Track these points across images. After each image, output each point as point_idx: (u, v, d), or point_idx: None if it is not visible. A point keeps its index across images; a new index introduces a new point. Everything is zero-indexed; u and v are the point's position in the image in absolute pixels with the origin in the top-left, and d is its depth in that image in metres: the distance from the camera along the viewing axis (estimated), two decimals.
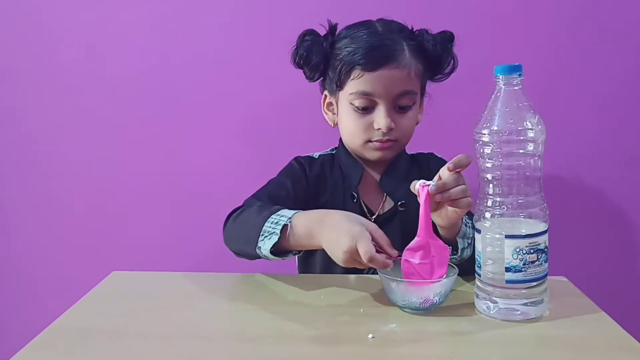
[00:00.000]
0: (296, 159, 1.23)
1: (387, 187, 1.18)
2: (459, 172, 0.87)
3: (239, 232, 1.03)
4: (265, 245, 0.94)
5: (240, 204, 1.09)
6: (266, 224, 0.95)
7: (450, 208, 0.89)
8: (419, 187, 0.87)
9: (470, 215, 0.92)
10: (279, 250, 0.95)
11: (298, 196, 1.14)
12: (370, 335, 0.79)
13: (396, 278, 0.87)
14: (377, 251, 0.84)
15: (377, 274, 0.91)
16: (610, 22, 1.44)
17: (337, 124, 1.19)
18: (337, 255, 0.86)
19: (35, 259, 1.66)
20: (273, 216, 0.96)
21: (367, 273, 1.16)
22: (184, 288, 1.02)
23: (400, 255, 0.89)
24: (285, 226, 0.93)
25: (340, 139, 1.21)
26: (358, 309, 0.89)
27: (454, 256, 0.96)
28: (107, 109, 1.58)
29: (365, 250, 0.82)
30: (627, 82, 1.46)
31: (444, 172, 0.88)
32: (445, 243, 0.95)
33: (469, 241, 0.96)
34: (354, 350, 0.76)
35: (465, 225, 0.96)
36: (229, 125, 1.55)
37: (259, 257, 0.99)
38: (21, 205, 1.65)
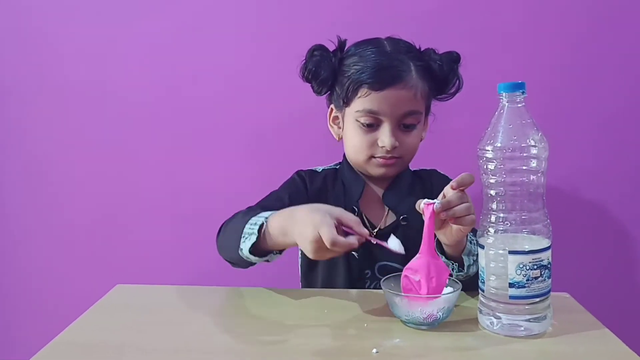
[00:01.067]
0: (298, 172, 1.24)
1: (390, 202, 1.19)
2: (462, 190, 0.88)
3: (226, 239, 1.05)
4: (245, 246, 0.95)
5: None
6: (246, 226, 0.97)
7: (454, 226, 0.90)
8: (424, 206, 0.88)
9: (474, 232, 0.92)
10: (259, 251, 0.96)
11: None
12: (374, 350, 0.79)
13: (400, 293, 0.87)
14: (347, 234, 0.86)
15: (380, 288, 0.92)
16: (614, 41, 1.45)
17: (342, 138, 1.20)
18: (306, 247, 0.87)
19: (39, 271, 1.66)
20: (253, 218, 0.98)
21: (369, 287, 1.16)
22: (187, 301, 1.02)
23: (372, 235, 0.90)
24: (262, 225, 0.94)
25: (344, 154, 1.22)
26: (362, 323, 0.89)
27: (460, 273, 0.97)
28: (112, 122, 1.59)
29: (327, 237, 0.83)
30: (631, 98, 1.47)
31: (448, 191, 0.89)
32: (451, 260, 0.95)
33: (475, 258, 0.96)
34: None
35: (470, 243, 0.97)
36: (233, 139, 1.56)
37: (242, 259, 1.00)
38: (25, 218, 1.65)
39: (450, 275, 0.92)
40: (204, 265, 1.59)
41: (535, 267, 0.81)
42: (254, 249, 0.95)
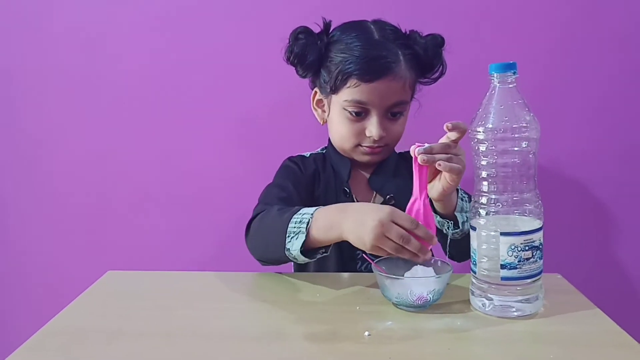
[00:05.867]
0: (289, 159, 1.23)
1: (376, 186, 1.19)
2: (455, 141, 0.89)
3: (264, 239, 1.00)
4: (294, 246, 0.92)
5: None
6: (290, 225, 0.93)
7: (441, 178, 0.91)
8: (412, 149, 0.88)
9: (465, 192, 0.92)
10: (306, 249, 0.93)
11: (300, 194, 1.14)
12: (366, 333, 0.79)
13: (390, 275, 0.87)
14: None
15: (371, 271, 0.91)
16: (606, 21, 1.44)
17: (326, 121, 1.20)
18: (366, 231, 0.83)
19: (31, 258, 1.66)
20: (295, 216, 0.94)
21: (360, 268, 1.16)
22: (179, 287, 1.02)
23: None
24: (308, 222, 0.92)
25: (329, 138, 1.22)
26: (354, 306, 0.90)
27: (456, 231, 0.97)
28: (104, 110, 1.57)
29: (389, 210, 0.83)
30: (622, 80, 1.46)
31: (443, 139, 0.91)
32: (445, 219, 0.97)
33: (468, 215, 0.97)
34: (351, 347, 0.76)
35: (462, 200, 0.98)
36: (223, 126, 1.55)
37: (287, 259, 0.97)
38: (17, 205, 1.64)
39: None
40: (196, 251, 1.60)
41: (526, 248, 0.81)
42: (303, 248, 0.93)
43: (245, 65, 1.52)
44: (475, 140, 0.84)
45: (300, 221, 0.93)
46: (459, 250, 1.01)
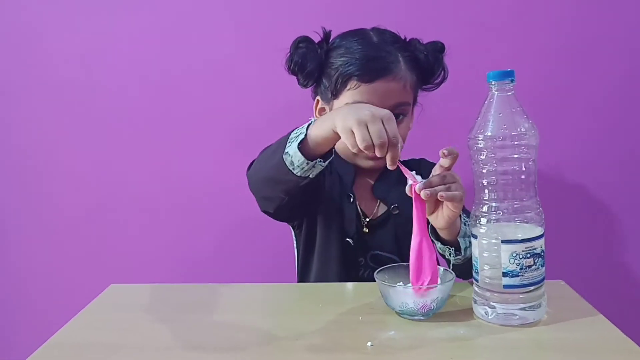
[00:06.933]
0: None
1: (379, 194, 1.19)
2: (448, 169, 0.89)
3: (265, 158, 0.99)
4: (292, 148, 0.90)
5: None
6: (291, 134, 0.93)
7: (444, 207, 0.90)
8: (408, 188, 0.88)
9: (467, 214, 0.92)
10: (305, 151, 0.90)
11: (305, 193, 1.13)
12: (369, 343, 0.79)
13: (393, 284, 0.87)
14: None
15: (374, 280, 0.91)
16: (603, 28, 1.45)
17: None
18: (354, 112, 0.84)
19: (33, 273, 1.66)
20: (294, 131, 0.94)
21: (363, 275, 1.16)
22: (181, 300, 1.02)
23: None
24: (310, 125, 0.91)
25: None
26: (356, 316, 0.89)
27: (458, 257, 0.97)
28: (101, 119, 1.58)
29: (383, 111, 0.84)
30: (620, 85, 1.47)
31: (435, 169, 0.91)
32: (447, 245, 0.96)
33: (470, 240, 0.96)
34: (353, 358, 0.76)
35: (465, 225, 0.97)
36: (222, 134, 1.56)
37: (286, 172, 0.92)
38: (18, 219, 1.64)
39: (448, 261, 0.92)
40: (195, 258, 1.60)
41: (528, 255, 0.81)
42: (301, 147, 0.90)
43: (244, 72, 1.52)
44: (475, 148, 0.84)
45: (301, 127, 0.92)
46: (462, 271, 1.00)
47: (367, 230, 1.16)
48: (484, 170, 0.84)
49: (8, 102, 1.60)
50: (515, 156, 0.82)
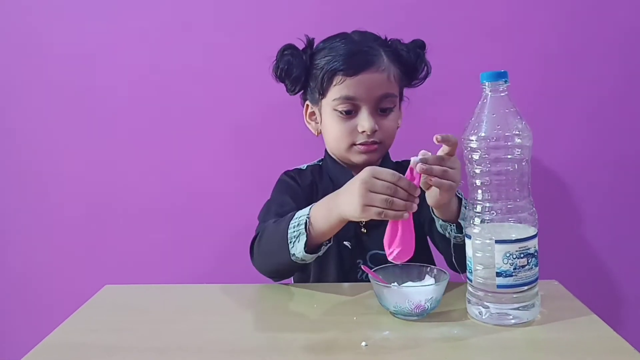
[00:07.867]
0: (285, 173, 1.25)
1: None
2: (450, 154, 0.89)
3: (268, 253, 1.03)
4: (298, 249, 0.95)
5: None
6: (289, 231, 0.97)
7: (433, 190, 0.92)
8: (413, 159, 0.89)
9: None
10: (310, 248, 0.96)
11: (299, 206, 1.14)
12: (363, 343, 0.79)
13: (388, 285, 0.88)
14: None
15: (369, 281, 0.92)
16: (598, 29, 1.45)
17: (320, 132, 1.21)
18: (354, 196, 0.88)
19: (28, 272, 1.64)
20: (292, 221, 0.98)
21: (361, 276, 1.16)
22: (176, 300, 1.02)
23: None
24: (306, 223, 0.95)
25: (326, 150, 1.23)
26: (351, 317, 0.89)
27: (459, 235, 0.98)
28: (98, 121, 1.56)
29: (369, 170, 0.87)
30: (613, 87, 1.47)
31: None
32: (446, 222, 0.99)
33: None
34: (348, 358, 0.76)
35: (465, 207, 0.98)
36: (221, 137, 1.55)
37: (296, 265, 0.99)
38: (15, 218, 1.63)
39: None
40: (193, 261, 1.59)
41: (522, 255, 0.82)
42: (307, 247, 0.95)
43: (241, 76, 1.52)
44: (469, 148, 0.84)
45: (297, 224, 0.96)
46: (462, 257, 1.00)
47: (365, 231, 1.17)
48: (478, 171, 0.84)
49: (8, 102, 1.59)
50: (509, 157, 0.83)
